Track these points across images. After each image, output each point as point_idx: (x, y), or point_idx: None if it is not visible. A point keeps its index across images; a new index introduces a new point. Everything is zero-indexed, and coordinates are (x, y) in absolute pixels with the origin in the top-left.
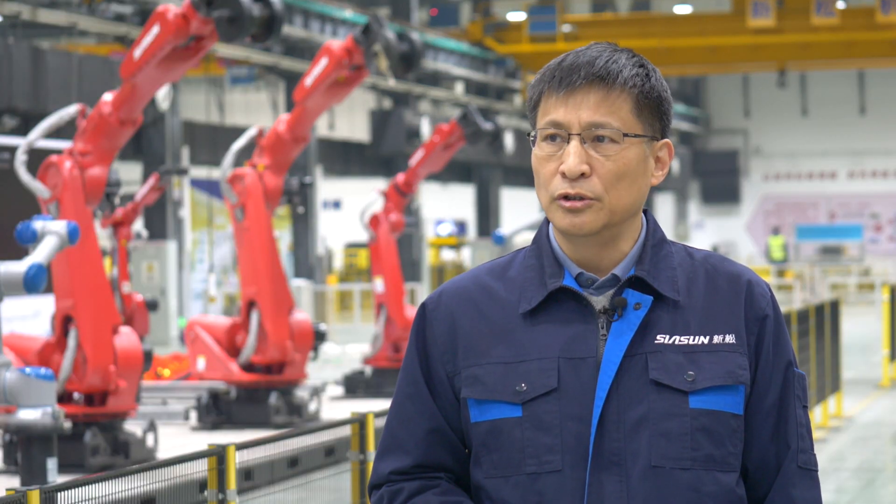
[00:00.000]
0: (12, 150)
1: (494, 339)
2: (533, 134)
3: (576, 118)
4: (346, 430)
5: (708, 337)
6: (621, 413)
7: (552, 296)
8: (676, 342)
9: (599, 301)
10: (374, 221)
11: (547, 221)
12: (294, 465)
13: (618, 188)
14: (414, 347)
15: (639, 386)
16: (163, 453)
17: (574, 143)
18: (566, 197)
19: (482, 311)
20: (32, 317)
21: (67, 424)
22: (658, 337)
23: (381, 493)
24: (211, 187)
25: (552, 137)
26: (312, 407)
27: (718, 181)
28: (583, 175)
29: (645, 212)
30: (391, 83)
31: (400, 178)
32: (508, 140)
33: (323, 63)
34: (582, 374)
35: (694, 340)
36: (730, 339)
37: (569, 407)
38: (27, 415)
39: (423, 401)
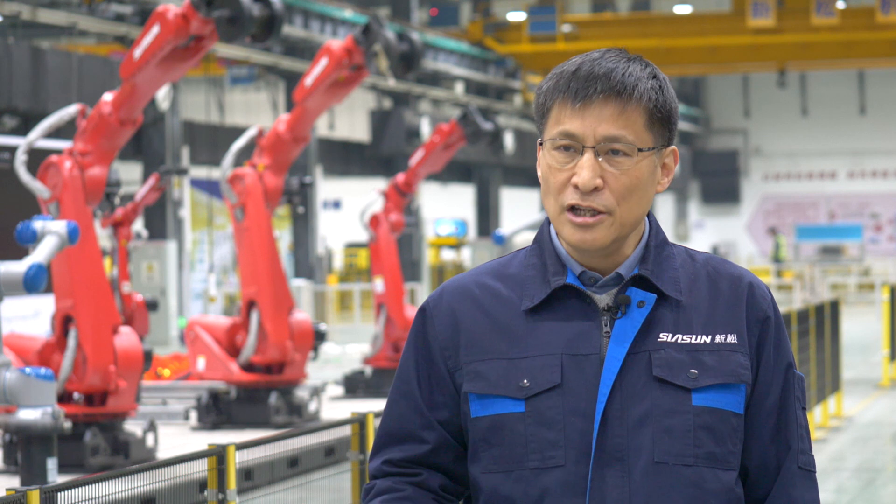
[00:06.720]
0: (12, 150)
1: (496, 335)
2: (542, 141)
3: (591, 131)
4: (346, 430)
5: (710, 336)
6: (624, 409)
7: (555, 293)
8: (679, 341)
9: (602, 299)
10: (374, 221)
11: (549, 221)
12: (294, 465)
13: (629, 201)
14: (413, 346)
15: (642, 383)
16: (163, 453)
17: (588, 156)
18: (575, 210)
19: (484, 308)
20: (32, 317)
21: (67, 424)
22: (661, 335)
23: (366, 486)
24: (211, 187)
25: (565, 148)
26: (312, 407)
27: (718, 181)
28: (595, 189)
29: (647, 214)
30: (391, 83)
31: (400, 178)
32: (508, 140)
33: (323, 63)
34: (585, 371)
35: (696, 339)
36: (731, 339)
37: (572, 403)
38: (27, 415)
39: (416, 399)
